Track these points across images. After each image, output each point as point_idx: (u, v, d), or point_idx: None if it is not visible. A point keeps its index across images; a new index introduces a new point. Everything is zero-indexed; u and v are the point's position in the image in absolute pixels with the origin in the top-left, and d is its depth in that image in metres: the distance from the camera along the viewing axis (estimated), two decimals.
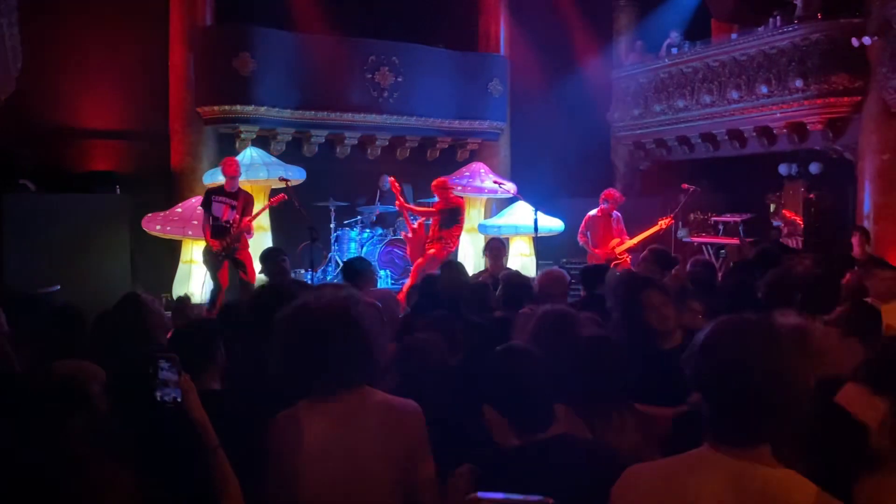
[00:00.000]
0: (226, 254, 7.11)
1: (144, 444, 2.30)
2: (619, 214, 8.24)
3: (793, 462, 1.57)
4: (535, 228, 8.77)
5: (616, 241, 8.04)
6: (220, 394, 2.68)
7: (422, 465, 2.17)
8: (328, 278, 9.74)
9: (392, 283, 9.81)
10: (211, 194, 7.29)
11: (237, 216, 7.09)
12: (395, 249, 10.17)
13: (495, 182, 10.40)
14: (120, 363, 2.74)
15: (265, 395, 2.40)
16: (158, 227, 8.89)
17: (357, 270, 5.07)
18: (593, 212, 8.20)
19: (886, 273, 4.63)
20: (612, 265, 6.77)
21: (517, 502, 1.51)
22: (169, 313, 4.83)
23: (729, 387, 1.52)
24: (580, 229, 8.27)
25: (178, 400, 2.13)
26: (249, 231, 7.31)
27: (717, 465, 1.53)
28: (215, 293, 7.23)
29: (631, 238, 8.07)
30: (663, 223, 8.08)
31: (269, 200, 7.86)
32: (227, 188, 7.24)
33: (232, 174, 7.26)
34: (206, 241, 7.23)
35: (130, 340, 3.56)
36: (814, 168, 11.53)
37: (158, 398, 2.12)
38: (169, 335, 3.12)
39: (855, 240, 7.84)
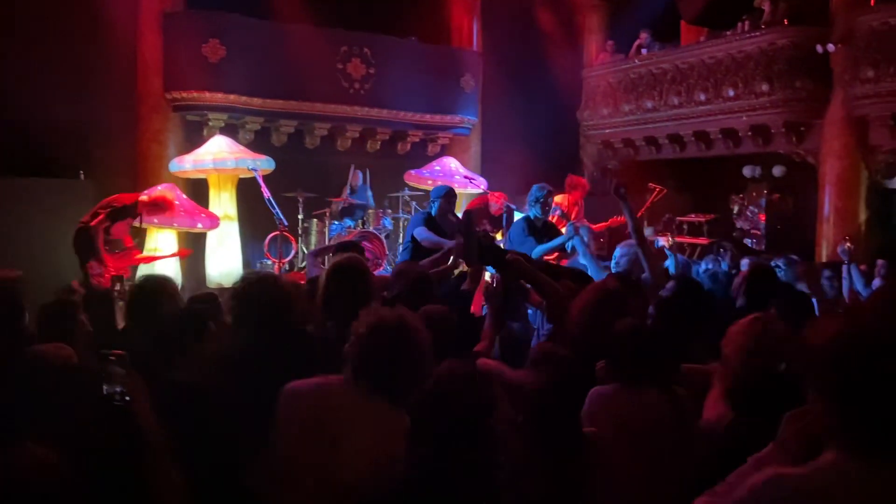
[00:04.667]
0: None
1: (86, 433, 2.30)
2: (581, 203, 8.22)
3: None
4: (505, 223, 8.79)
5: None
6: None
7: None
8: (295, 269, 9.68)
9: None
10: None
11: None
12: (364, 242, 10.13)
13: (466, 177, 10.42)
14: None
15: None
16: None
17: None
18: (559, 198, 8.03)
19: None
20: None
21: None
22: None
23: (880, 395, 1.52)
24: None
25: (127, 397, 2.12)
26: None
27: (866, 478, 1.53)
28: None
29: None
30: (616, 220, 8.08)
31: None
32: None
33: None
34: None
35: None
36: (777, 171, 11.75)
37: (105, 392, 2.12)
38: None
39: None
